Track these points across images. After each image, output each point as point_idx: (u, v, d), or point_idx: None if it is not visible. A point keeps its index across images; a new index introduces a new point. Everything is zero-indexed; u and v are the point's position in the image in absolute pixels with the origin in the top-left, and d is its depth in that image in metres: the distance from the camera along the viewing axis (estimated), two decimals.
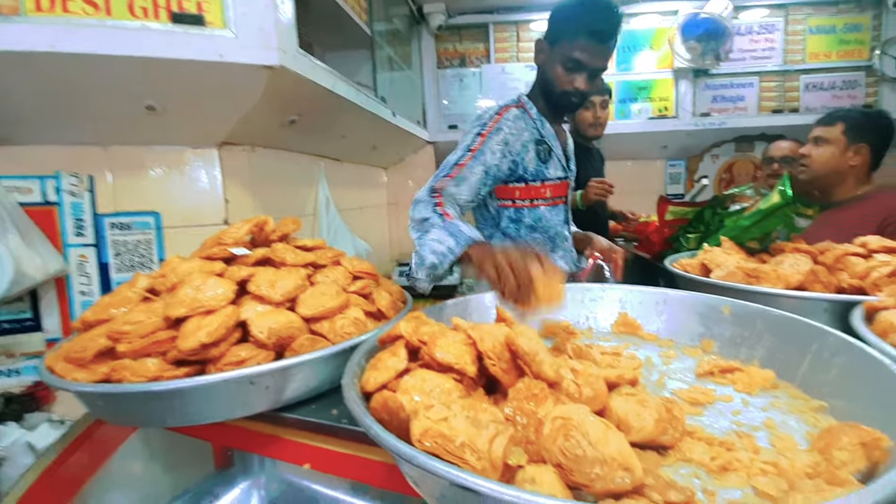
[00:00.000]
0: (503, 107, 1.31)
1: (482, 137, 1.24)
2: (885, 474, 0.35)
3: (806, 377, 0.67)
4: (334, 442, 0.65)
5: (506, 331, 0.58)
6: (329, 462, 0.64)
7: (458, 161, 1.21)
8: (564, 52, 1.23)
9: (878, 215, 1.63)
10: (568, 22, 1.22)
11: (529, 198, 1.39)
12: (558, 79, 1.27)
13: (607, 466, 0.41)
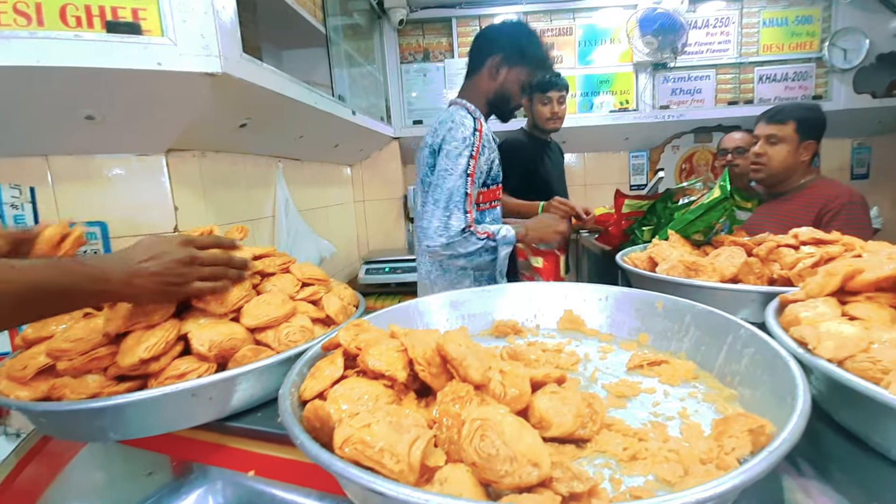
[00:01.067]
0: (475, 121, 1.40)
1: (474, 159, 1.36)
2: (751, 460, 0.39)
3: (722, 367, 0.72)
4: (279, 448, 0.67)
5: (437, 337, 0.61)
6: (273, 468, 0.66)
7: (466, 190, 1.33)
8: (525, 76, 1.45)
9: (817, 204, 1.72)
10: (531, 52, 1.43)
11: (489, 200, 1.52)
12: (515, 96, 1.48)
13: (517, 463, 0.45)
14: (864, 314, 0.64)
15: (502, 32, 1.45)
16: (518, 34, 1.42)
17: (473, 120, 1.40)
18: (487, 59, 1.43)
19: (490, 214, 1.54)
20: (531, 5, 2.99)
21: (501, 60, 1.41)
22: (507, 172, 2.23)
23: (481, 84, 1.46)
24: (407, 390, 0.58)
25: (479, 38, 1.49)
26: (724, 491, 0.36)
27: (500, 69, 1.42)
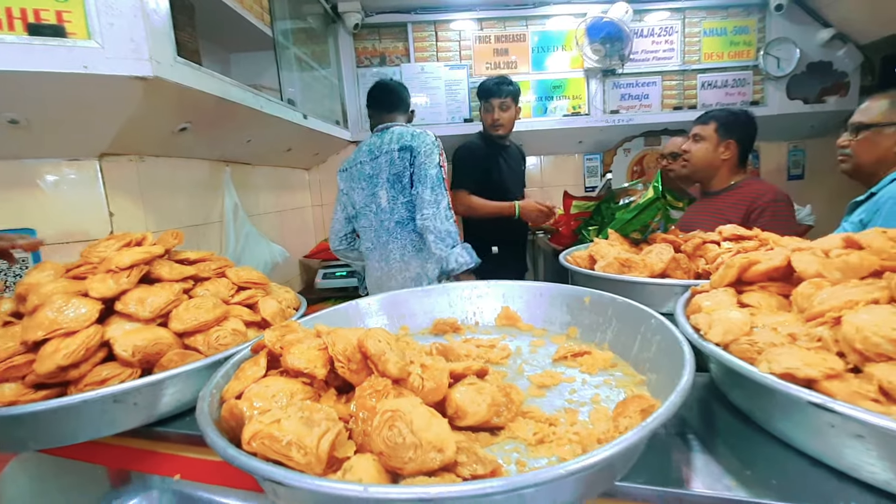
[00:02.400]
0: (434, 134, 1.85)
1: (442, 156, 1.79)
2: (622, 437, 0.43)
3: (636, 355, 0.77)
4: (205, 451, 0.67)
5: (359, 334, 0.63)
6: (198, 471, 0.66)
7: (442, 176, 1.76)
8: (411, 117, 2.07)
9: (745, 202, 1.84)
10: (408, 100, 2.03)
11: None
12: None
13: (421, 449, 0.47)
14: (755, 302, 0.70)
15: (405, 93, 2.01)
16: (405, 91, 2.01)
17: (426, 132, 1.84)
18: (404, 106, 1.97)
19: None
20: (485, 12, 3.05)
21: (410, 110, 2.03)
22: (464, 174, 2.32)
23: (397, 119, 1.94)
24: (327, 387, 0.60)
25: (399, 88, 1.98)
26: (595, 462, 0.39)
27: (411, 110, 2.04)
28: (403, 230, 1.77)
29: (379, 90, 1.93)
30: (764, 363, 0.53)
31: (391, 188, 1.75)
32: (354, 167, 1.84)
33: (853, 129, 1.54)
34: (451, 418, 0.60)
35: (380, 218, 1.78)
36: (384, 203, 1.76)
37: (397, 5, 2.87)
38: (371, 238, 1.84)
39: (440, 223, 1.69)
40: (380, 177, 1.76)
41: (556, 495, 0.42)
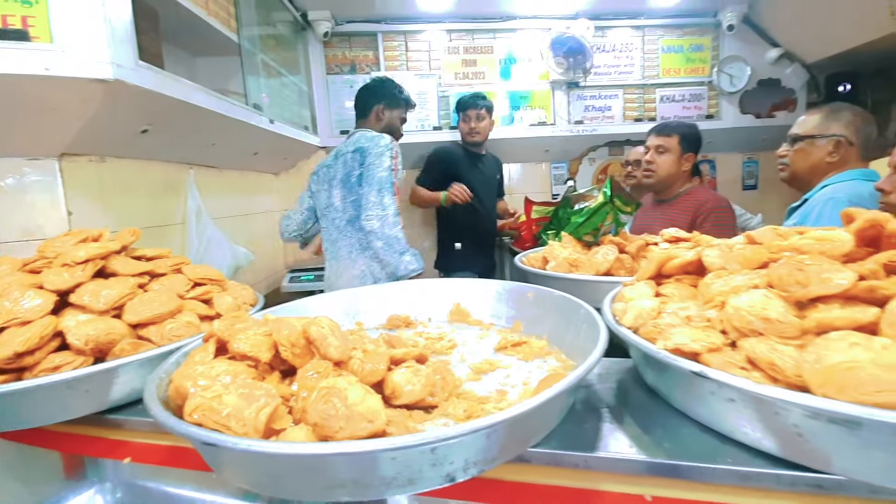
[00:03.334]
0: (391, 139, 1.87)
1: (395, 159, 1.81)
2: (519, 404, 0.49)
3: (569, 343, 0.84)
4: (155, 437, 0.70)
5: (305, 321, 0.67)
6: (147, 454, 0.69)
7: (391, 180, 1.78)
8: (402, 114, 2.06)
9: (692, 208, 1.97)
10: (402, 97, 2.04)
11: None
12: (398, 128, 2.05)
13: (352, 420, 0.52)
14: (669, 292, 0.78)
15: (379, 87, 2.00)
16: (391, 86, 2.01)
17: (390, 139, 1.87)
18: (374, 107, 1.96)
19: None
20: (454, 23, 3.14)
21: (384, 107, 1.97)
22: (427, 173, 2.49)
23: (371, 125, 1.96)
24: (272, 370, 0.65)
25: (365, 92, 2.00)
26: (493, 422, 0.45)
27: (384, 113, 1.98)
28: (352, 228, 1.82)
29: (355, 98, 2.01)
30: (660, 341, 0.60)
31: (342, 187, 1.81)
32: (321, 170, 1.91)
33: (790, 140, 1.67)
34: (388, 397, 0.65)
35: (333, 217, 1.85)
36: (337, 202, 1.83)
37: (367, 15, 2.93)
38: (327, 237, 1.92)
39: (388, 229, 1.71)
40: (336, 178, 1.84)
41: (467, 454, 0.48)
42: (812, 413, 0.45)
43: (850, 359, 0.44)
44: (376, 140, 1.80)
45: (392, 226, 1.71)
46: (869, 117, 1.59)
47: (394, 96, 1.98)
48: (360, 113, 1.99)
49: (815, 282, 0.54)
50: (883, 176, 1.25)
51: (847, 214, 0.65)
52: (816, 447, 0.47)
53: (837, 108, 1.61)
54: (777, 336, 0.53)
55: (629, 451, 0.55)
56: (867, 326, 0.49)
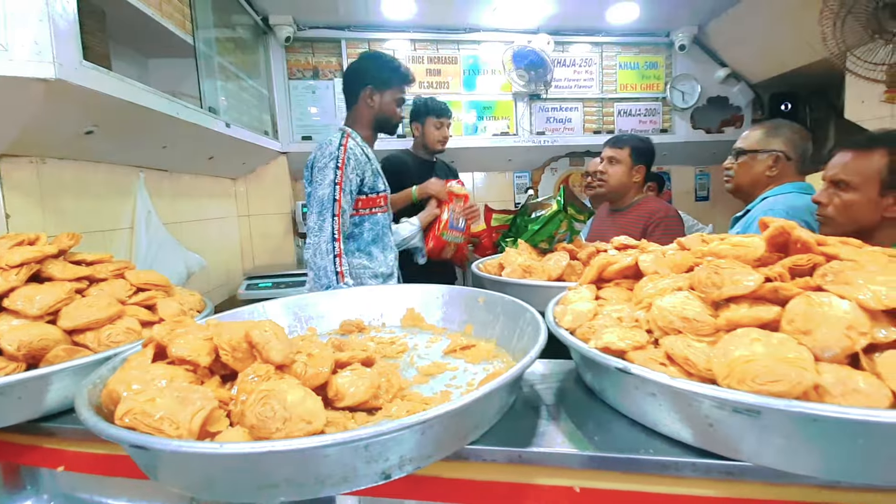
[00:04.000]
0: (343, 137, 1.62)
1: (341, 170, 1.56)
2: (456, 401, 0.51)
3: (515, 345, 0.86)
4: (90, 445, 0.68)
5: (248, 325, 0.67)
6: (81, 462, 0.67)
7: (335, 197, 1.54)
8: (396, 95, 1.72)
9: (643, 218, 2.05)
10: (393, 75, 1.70)
11: (368, 207, 1.70)
12: (393, 113, 1.74)
13: (290, 422, 0.53)
14: (607, 295, 0.82)
15: (364, 66, 1.71)
16: (378, 63, 1.69)
17: (341, 136, 1.61)
18: (360, 92, 1.68)
19: (369, 220, 1.71)
20: (418, 34, 3.18)
21: (372, 90, 1.67)
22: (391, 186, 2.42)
23: (362, 114, 1.71)
24: (212, 375, 0.64)
25: (347, 76, 1.74)
26: (423, 419, 0.47)
27: (373, 97, 1.68)
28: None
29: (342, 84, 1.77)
30: (592, 340, 0.63)
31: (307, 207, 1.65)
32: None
33: (735, 154, 1.77)
34: (331, 400, 0.65)
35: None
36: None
37: (331, 21, 2.92)
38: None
39: (319, 259, 1.47)
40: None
41: (402, 450, 0.49)
42: (719, 403, 0.49)
43: (750, 352, 0.48)
44: (322, 150, 1.57)
45: (324, 254, 1.48)
46: (806, 134, 1.71)
47: (382, 75, 1.66)
48: (347, 102, 1.72)
49: (727, 284, 0.58)
50: (818, 189, 1.35)
51: (762, 222, 0.71)
52: (725, 435, 0.50)
53: (778, 125, 1.72)
54: (694, 334, 0.57)
55: (562, 446, 0.58)
56: (770, 324, 0.54)
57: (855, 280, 0.52)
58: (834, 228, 1.26)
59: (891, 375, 0.44)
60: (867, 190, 1.18)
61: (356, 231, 1.70)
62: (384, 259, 1.75)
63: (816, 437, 0.45)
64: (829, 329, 0.48)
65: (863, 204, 1.19)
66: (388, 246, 1.79)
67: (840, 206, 1.23)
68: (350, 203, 1.60)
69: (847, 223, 1.23)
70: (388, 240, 1.80)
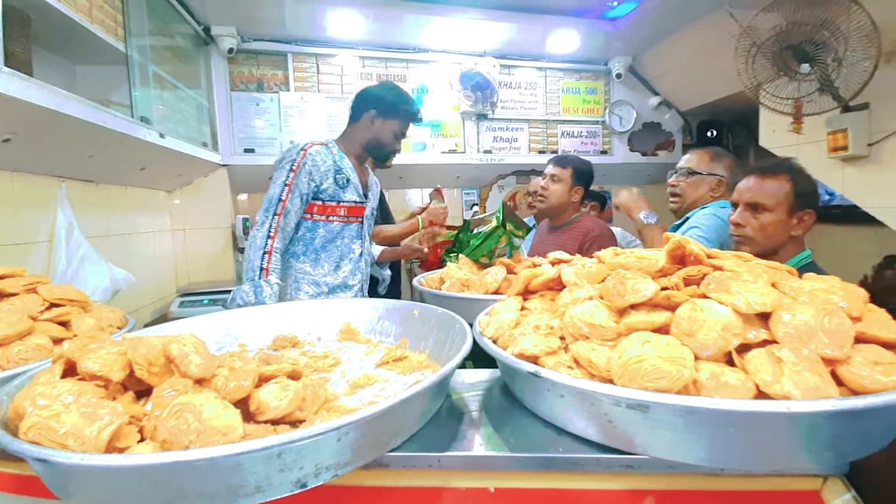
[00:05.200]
0: (307, 144, 1.68)
1: (294, 173, 1.61)
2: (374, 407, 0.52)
3: (446, 355, 0.88)
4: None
5: (166, 339, 0.66)
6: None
7: (280, 197, 1.59)
8: (397, 127, 1.77)
9: (580, 235, 2.16)
10: (401, 108, 1.77)
11: (325, 213, 1.71)
12: (388, 143, 1.79)
13: (204, 434, 0.52)
14: (532, 306, 0.86)
15: (379, 93, 1.78)
16: (392, 94, 1.77)
17: (306, 143, 1.68)
18: (364, 113, 1.74)
19: (323, 227, 1.71)
20: (367, 51, 3.22)
21: (376, 115, 1.73)
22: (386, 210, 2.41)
23: (358, 132, 1.77)
24: (125, 391, 0.62)
25: (360, 96, 1.79)
26: (338, 426, 0.48)
27: (374, 121, 1.74)
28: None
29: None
30: (511, 347, 0.67)
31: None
32: None
33: (684, 173, 1.90)
34: (254, 413, 0.65)
35: None
36: None
37: (277, 35, 2.90)
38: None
39: (251, 251, 1.52)
40: None
41: (318, 458, 0.50)
42: (615, 401, 0.53)
43: (641, 353, 0.53)
44: (285, 153, 1.67)
45: (256, 249, 1.52)
46: (738, 163, 1.90)
47: (390, 104, 1.73)
48: (350, 118, 1.78)
49: (629, 292, 0.64)
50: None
51: (666, 237, 0.78)
52: (623, 431, 0.55)
53: (720, 152, 1.91)
54: (599, 339, 0.62)
55: (479, 449, 0.60)
56: (662, 327, 0.59)
57: (732, 288, 0.59)
58: (753, 248, 1.35)
59: (756, 371, 0.50)
60: (779, 212, 1.31)
61: (308, 235, 1.70)
62: (333, 269, 1.73)
63: (696, 427, 0.50)
64: (707, 331, 0.54)
65: (777, 224, 1.31)
66: (346, 258, 1.76)
67: (758, 227, 1.33)
68: (299, 206, 1.63)
69: (765, 242, 1.34)
70: (349, 252, 1.77)
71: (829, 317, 0.54)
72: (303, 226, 1.69)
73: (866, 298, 0.62)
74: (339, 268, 1.75)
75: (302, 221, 1.69)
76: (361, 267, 1.82)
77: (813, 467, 0.54)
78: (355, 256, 1.79)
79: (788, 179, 1.34)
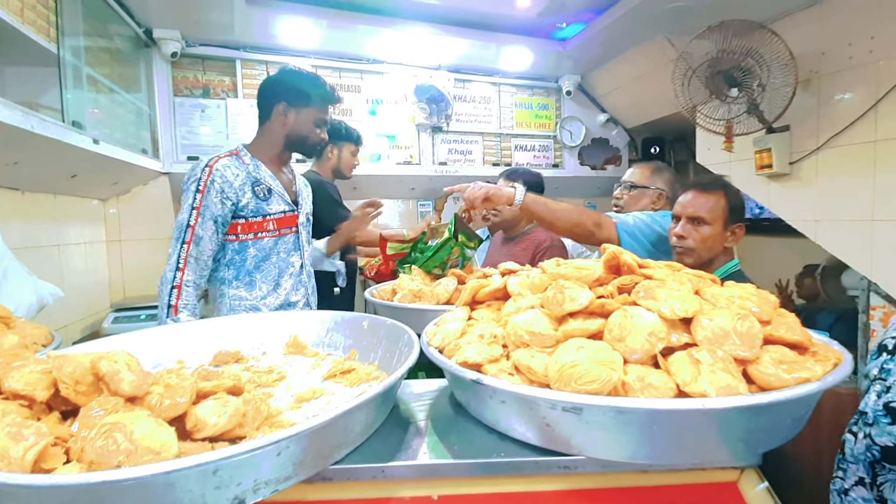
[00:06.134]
0: (213, 158, 1.50)
1: (201, 194, 1.44)
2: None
3: (395, 366, 0.88)
4: None
5: (95, 356, 0.62)
6: None
7: (189, 223, 1.42)
8: (315, 115, 1.58)
9: (532, 246, 2.23)
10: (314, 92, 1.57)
11: (252, 231, 1.55)
12: (310, 134, 1.61)
13: (135, 454, 0.50)
14: (479, 316, 0.88)
15: (281, 81, 1.57)
16: (297, 79, 1.56)
17: (211, 158, 1.50)
18: (273, 108, 1.55)
19: (253, 246, 1.55)
20: (320, 60, 3.19)
21: (286, 107, 1.55)
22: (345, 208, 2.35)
23: (272, 131, 1.58)
24: (50, 411, 0.58)
25: (262, 90, 1.59)
26: (275, 440, 0.47)
27: (287, 114, 1.55)
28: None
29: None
30: (455, 356, 0.68)
31: None
32: None
33: (627, 187, 2.00)
34: (191, 431, 0.62)
35: None
36: None
37: (224, 40, 2.82)
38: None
39: (161, 287, 1.39)
40: None
41: (257, 473, 0.49)
42: (551, 404, 0.55)
43: (575, 358, 0.56)
44: (189, 171, 1.47)
45: (165, 284, 1.39)
46: (678, 178, 2.03)
47: (301, 91, 1.53)
48: (259, 118, 1.58)
49: (567, 301, 0.67)
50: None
51: (603, 248, 0.83)
52: (559, 433, 0.57)
53: (661, 167, 2.03)
54: (539, 346, 0.64)
55: (422, 458, 0.61)
56: (596, 334, 0.63)
57: (659, 295, 0.63)
58: (694, 259, 1.45)
59: (677, 372, 0.54)
60: (717, 225, 1.42)
61: (237, 258, 1.54)
62: (272, 289, 1.59)
63: (624, 426, 0.53)
64: (636, 336, 0.58)
65: (715, 237, 1.42)
66: (285, 273, 1.62)
67: (699, 239, 1.43)
68: (213, 231, 1.46)
69: (706, 253, 1.44)
70: (287, 267, 1.63)
71: (741, 321, 0.59)
72: (229, 248, 1.53)
73: (776, 304, 0.69)
74: (280, 285, 1.61)
75: (227, 244, 1.52)
76: (304, 280, 1.70)
77: (730, 460, 0.58)
78: (295, 270, 1.66)
79: (724, 195, 1.45)
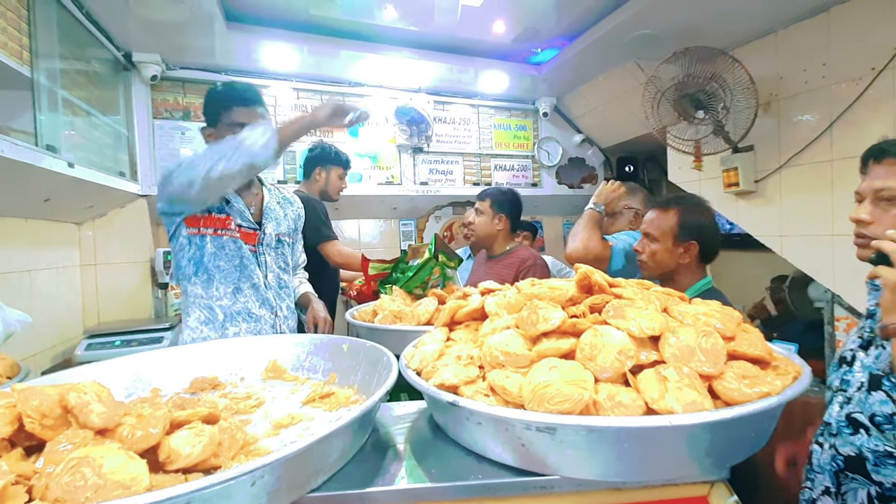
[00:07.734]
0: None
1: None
2: None
3: (374, 389, 0.88)
4: None
5: (63, 388, 0.61)
6: None
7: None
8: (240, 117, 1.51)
9: (515, 265, 2.25)
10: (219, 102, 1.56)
11: (212, 227, 1.51)
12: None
13: (104, 489, 0.49)
14: (457, 336, 0.89)
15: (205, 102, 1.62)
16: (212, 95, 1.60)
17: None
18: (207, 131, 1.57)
19: (213, 242, 1.51)
20: (302, 83, 3.22)
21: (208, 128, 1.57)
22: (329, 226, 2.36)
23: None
24: (13, 447, 0.57)
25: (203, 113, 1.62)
26: (251, 469, 0.47)
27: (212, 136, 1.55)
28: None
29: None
30: (433, 378, 0.69)
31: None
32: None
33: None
34: (164, 462, 0.61)
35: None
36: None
37: (206, 64, 2.84)
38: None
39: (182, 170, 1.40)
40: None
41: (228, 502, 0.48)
42: (525, 425, 0.56)
43: (547, 378, 0.57)
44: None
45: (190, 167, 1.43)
46: (650, 197, 2.11)
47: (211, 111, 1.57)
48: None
49: (540, 321, 0.68)
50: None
51: (576, 268, 0.85)
52: (535, 453, 0.58)
53: (635, 187, 2.11)
54: (514, 366, 0.65)
55: (400, 482, 0.61)
56: (568, 353, 0.64)
57: (628, 314, 0.65)
58: (648, 272, 1.55)
59: (646, 390, 0.56)
60: (665, 241, 1.48)
61: (197, 253, 1.49)
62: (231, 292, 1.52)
63: (596, 444, 0.54)
64: (606, 355, 0.60)
65: (663, 252, 1.48)
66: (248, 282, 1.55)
67: (649, 254, 1.52)
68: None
69: (655, 268, 1.52)
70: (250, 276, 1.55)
71: (706, 338, 0.61)
72: (193, 242, 1.49)
73: (740, 320, 0.71)
74: (241, 291, 1.53)
75: (190, 238, 1.48)
76: (270, 299, 1.60)
77: (699, 475, 0.60)
78: (259, 284, 1.57)
79: (676, 213, 1.52)
